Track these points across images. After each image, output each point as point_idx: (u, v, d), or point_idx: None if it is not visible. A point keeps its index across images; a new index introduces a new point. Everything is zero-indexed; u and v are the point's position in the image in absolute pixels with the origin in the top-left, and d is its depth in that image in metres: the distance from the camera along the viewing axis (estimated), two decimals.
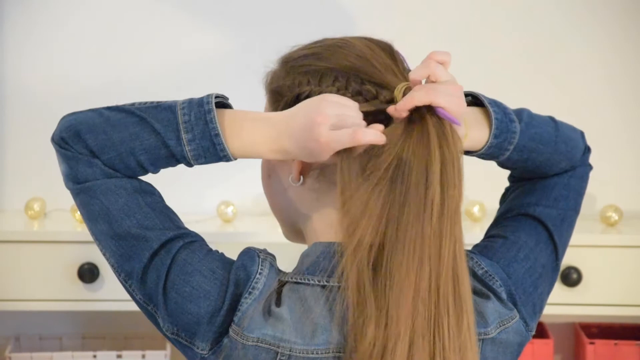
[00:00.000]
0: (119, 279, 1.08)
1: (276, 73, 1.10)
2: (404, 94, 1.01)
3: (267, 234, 1.98)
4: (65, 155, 1.07)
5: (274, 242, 1.50)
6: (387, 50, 1.07)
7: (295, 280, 1.05)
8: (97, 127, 1.06)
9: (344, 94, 1.03)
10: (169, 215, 1.08)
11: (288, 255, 1.24)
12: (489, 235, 1.18)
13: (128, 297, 1.11)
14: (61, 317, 2.28)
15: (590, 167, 1.26)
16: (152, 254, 1.05)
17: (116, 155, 1.05)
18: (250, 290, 1.03)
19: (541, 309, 1.15)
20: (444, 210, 0.97)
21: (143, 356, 2.10)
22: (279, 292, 1.05)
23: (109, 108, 1.08)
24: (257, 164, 1.16)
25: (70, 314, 2.28)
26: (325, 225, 1.08)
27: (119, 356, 2.09)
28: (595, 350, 2.12)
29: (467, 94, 1.12)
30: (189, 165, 1.08)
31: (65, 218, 2.15)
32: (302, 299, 1.03)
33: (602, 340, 2.14)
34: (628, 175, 2.26)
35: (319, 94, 1.03)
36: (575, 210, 1.22)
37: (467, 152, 1.11)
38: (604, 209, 2.15)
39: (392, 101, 1.02)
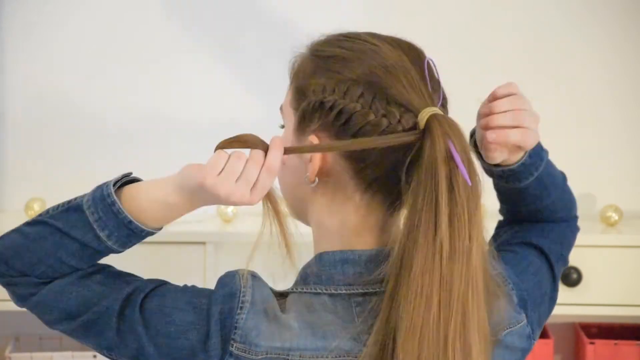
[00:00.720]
0: (105, 356, 1.09)
1: (304, 64, 1.07)
2: (427, 123, 0.99)
3: (267, 234, 1.97)
4: (3, 283, 1.10)
5: (274, 242, 1.50)
6: (418, 62, 1.04)
7: (300, 291, 1.05)
8: (20, 248, 1.08)
9: (367, 113, 1.01)
10: (123, 279, 1.09)
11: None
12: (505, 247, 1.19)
13: None
14: None
15: (578, 230, 1.29)
16: (117, 317, 1.05)
17: (47, 268, 1.07)
18: (240, 305, 1.02)
19: (541, 324, 1.15)
20: (453, 255, 0.96)
21: None
22: (282, 302, 1.04)
23: (27, 223, 1.10)
24: None
25: None
26: (333, 231, 1.07)
27: None
28: (595, 350, 2.12)
29: None
30: (119, 252, 1.09)
31: None
32: (309, 306, 1.03)
33: (602, 340, 2.14)
34: (628, 175, 2.26)
35: (343, 107, 1.01)
36: (564, 258, 1.24)
37: (497, 166, 1.12)
38: (604, 209, 2.14)
39: (414, 127, 1.00)
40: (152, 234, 1.08)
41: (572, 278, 2.01)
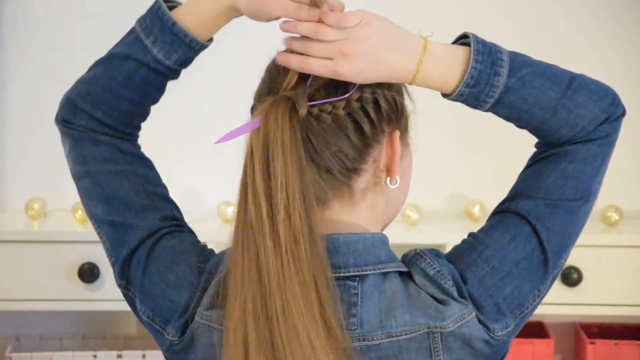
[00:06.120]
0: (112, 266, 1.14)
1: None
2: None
3: None
4: (71, 134, 1.11)
5: None
6: (266, 70, 1.09)
7: None
8: (83, 91, 1.12)
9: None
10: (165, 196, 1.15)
11: None
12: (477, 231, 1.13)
13: None
14: (61, 317, 2.28)
15: (607, 138, 1.17)
16: (139, 241, 1.09)
17: (108, 108, 1.09)
18: (218, 274, 1.05)
19: (518, 306, 1.06)
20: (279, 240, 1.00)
21: (143, 356, 2.10)
22: None
23: (89, 69, 1.14)
24: None
25: (70, 314, 2.28)
26: None
27: (119, 356, 2.09)
28: (596, 350, 2.12)
29: (464, 36, 1.11)
30: (172, 71, 1.10)
31: (66, 218, 2.15)
32: None
33: (602, 340, 2.14)
34: (628, 175, 2.26)
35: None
36: (575, 198, 1.14)
37: (444, 95, 1.08)
38: (604, 209, 2.15)
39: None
40: (197, 43, 1.08)
41: (572, 278, 2.01)
